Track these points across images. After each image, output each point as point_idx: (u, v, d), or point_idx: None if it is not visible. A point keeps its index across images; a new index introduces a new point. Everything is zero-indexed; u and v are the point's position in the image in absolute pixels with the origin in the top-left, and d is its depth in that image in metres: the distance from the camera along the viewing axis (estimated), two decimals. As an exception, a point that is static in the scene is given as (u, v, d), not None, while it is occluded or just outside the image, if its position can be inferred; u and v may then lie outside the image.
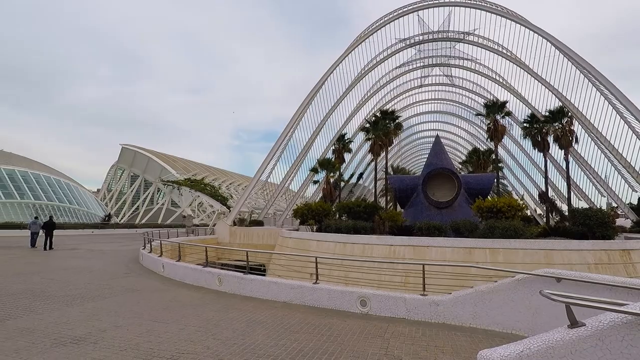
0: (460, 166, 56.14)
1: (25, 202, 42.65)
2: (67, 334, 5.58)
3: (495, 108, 30.94)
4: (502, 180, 49.50)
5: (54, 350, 4.90)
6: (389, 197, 38.78)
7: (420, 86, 56.23)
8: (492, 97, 44.07)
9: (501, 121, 31.30)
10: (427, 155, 32.67)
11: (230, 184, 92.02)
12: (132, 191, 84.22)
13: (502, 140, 37.02)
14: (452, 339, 5.89)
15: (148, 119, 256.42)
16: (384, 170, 43.26)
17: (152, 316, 6.85)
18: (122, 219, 74.51)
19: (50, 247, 19.70)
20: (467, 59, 46.94)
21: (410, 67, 50.17)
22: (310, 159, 43.15)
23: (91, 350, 4.90)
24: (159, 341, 5.37)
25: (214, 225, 35.19)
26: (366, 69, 44.11)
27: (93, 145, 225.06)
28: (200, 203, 67.41)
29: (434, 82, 56.08)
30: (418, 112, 66.03)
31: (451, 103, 61.88)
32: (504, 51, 39.86)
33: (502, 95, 43.63)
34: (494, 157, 35.42)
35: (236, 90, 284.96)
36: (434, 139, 32.27)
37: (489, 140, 35.80)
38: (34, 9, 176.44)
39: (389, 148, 36.17)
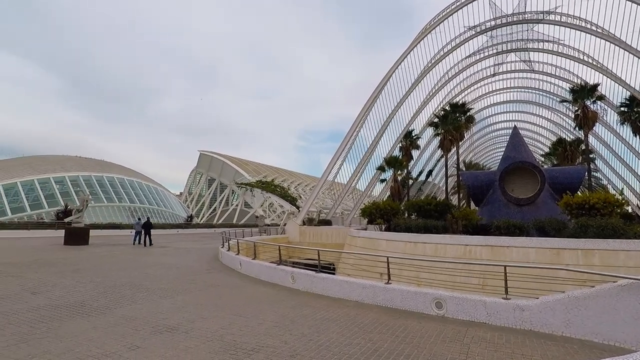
0: (543, 159, 51.34)
1: (122, 205, 48.51)
2: (162, 323, 6.21)
3: (584, 92, 27.79)
4: (594, 173, 44.11)
5: (152, 337, 5.49)
6: (461, 195, 36.84)
7: (494, 75, 52.35)
8: (579, 80, 39.50)
9: (592, 107, 28.00)
10: (503, 149, 30.38)
11: (298, 184, 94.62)
12: (209, 193, 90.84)
13: (594, 128, 33.04)
14: (542, 348, 5.40)
15: (220, 125, 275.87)
16: (455, 166, 41.22)
17: (233, 310, 7.33)
18: (201, 219, 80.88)
19: (145, 245, 22.41)
20: (547, 41, 42.53)
21: (482, 55, 46.97)
22: (377, 157, 42.74)
23: (183, 339, 5.41)
24: (241, 334, 5.73)
25: (284, 225, 36.56)
26: (433, 61, 42.30)
27: (173, 151, 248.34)
28: (270, 204, 70.53)
29: (508, 69, 51.87)
30: (491, 102, 61.63)
31: (530, 91, 56.70)
32: (593, 28, 35.41)
33: (591, 77, 38.85)
34: (583, 147, 31.72)
35: (301, 93, 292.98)
36: (511, 131, 29.93)
37: (577, 129, 32.22)
38: (121, 37, 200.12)
39: (460, 143, 34.46)
